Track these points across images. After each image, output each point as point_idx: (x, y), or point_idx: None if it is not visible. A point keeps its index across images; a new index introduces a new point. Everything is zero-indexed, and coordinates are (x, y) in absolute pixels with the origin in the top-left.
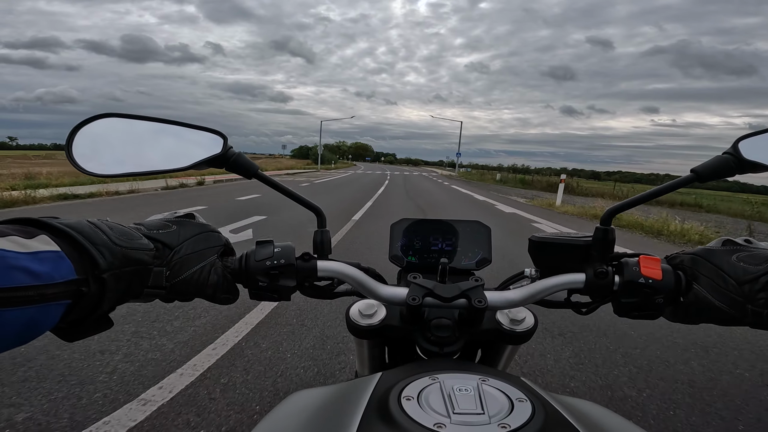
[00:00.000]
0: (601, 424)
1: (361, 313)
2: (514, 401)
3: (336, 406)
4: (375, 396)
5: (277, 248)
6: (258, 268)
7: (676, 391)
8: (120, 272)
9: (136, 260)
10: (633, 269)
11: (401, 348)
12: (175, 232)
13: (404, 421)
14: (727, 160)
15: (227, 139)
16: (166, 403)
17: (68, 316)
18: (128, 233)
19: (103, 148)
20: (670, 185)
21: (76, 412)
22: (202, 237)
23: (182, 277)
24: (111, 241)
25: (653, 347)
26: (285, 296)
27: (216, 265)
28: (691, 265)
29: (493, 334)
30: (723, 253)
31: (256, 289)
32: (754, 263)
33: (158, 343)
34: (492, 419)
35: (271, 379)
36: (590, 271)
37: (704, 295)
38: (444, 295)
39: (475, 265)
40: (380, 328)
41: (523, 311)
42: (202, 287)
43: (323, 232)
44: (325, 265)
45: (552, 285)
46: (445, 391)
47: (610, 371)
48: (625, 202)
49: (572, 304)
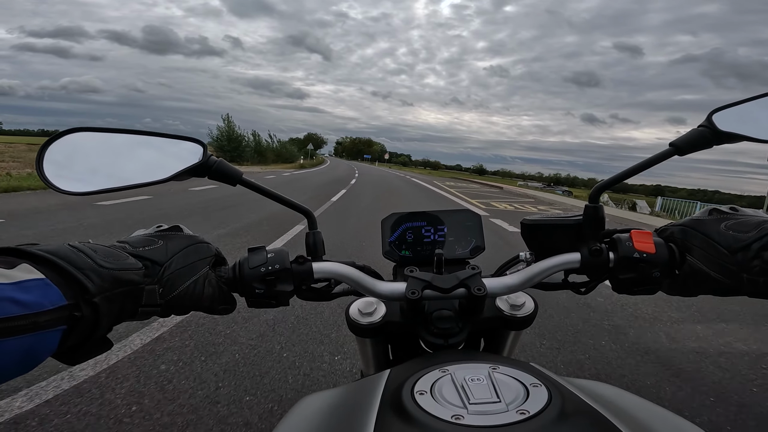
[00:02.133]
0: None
1: (361, 311)
2: (529, 387)
3: (348, 407)
4: (387, 393)
5: (270, 254)
6: (253, 275)
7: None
8: (111, 294)
9: (126, 281)
10: (627, 245)
11: (404, 343)
12: (163, 247)
13: (421, 415)
14: (703, 132)
15: (206, 146)
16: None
17: (67, 341)
18: (114, 254)
19: (76, 165)
20: (652, 159)
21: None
22: (191, 249)
23: (176, 292)
24: (97, 264)
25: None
26: (283, 301)
27: (209, 276)
28: (682, 237)
29: (496, 322)
30: (711, 222)
31: (253, 296)
32: (743, 230)
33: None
34: (509, 406)
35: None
36: (585, 249)
37: (699, 266)
38: (443, 286)
39: (470, 254)
40: (382, 325)
41: (523, 296)
42: (198, 300)
43: (315, 233)
44: (320, 266)
45: (548, 267)
46: (458, 382)
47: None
48: (611, 179)
49: (570, 285)
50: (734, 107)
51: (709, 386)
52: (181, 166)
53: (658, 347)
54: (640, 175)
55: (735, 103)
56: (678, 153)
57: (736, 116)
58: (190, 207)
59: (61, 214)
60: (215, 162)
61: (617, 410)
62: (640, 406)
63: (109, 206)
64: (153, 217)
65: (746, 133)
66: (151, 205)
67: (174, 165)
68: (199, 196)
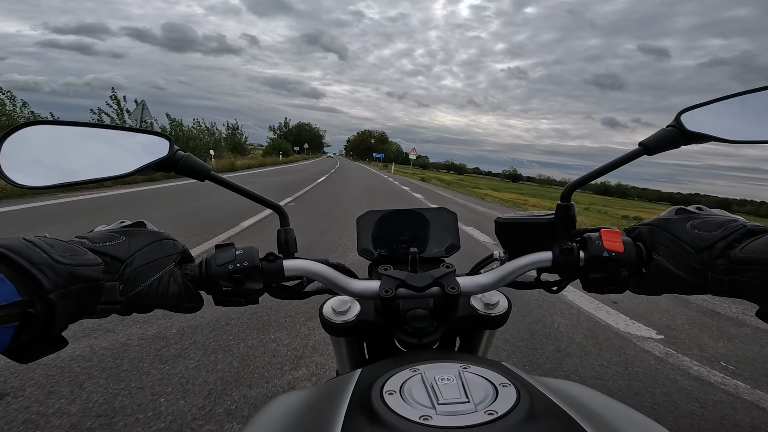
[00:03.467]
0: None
1: (335, 310)
2: (498, 387)
3: (318, 406)
4: (357, 393)
5: (239, 251)
6: (220, 272)
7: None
8: (67, 291)
9: (83, 277)
10: (596, 244)
11: (380, 342)
12: (125, 243)
13: (389, 416)
14: (671, 132)
15: (173, 141)
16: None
17: (19, 338)
18: (71, 249)
19: (34, 159)
20: (622, 159)
21: None
22: (156, 246)
23: (138, 289)
24: (52, 259)
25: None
26: (252, 300)
27: (175, 274)
28: (649, 236)
29: (470, 321)
30: (677, 221)
31: (220, 294)
32: (709, 229)
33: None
34: (478, 406)
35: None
36: (556, 248)
37: (665, 265)
38: (416, 285)
39: (445, 252)
40: (356, 324)
41: (497, 295)
42: (162, 298)
43: (287, 230)
44: (291, 264)
45: (521, 265)
46: (427, 382)
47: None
48: (582, 178)
49: (542, 284)
50: (702, 107)
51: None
52: (147, 160)
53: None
54: (668, 183)
55: (703, 103)
56: (647, 152)
57: (704, 116)
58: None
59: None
60: (182, 156)
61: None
62: (608, 407)
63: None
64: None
65: (713, 134)
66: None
67: (139, 159)
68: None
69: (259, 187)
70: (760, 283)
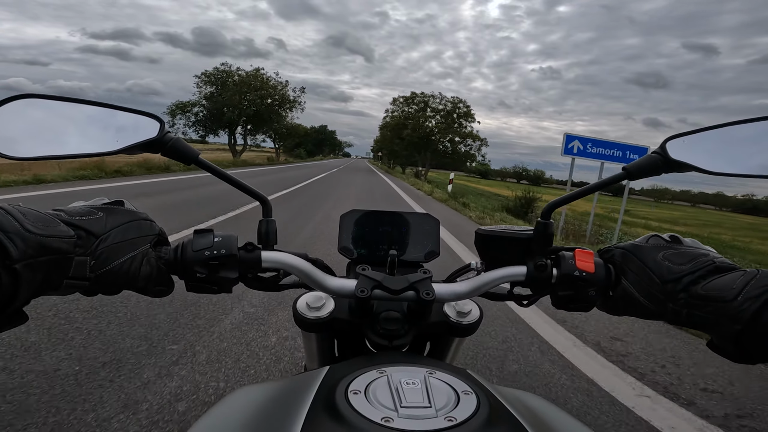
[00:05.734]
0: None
1: (309, 305)
2: (460, 394)
3: (281, 402)
4: (322, 391)
5: (217, 238)
6: (196, 258)
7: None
8: (35, 262)
9: (53, 249)
10: (569, 262)
11: (351, 341)
12: (101, 219)
13: (351, 415)
14: (655, 159)
15: (164, 123)
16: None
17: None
18: (45, 219)
19: (21, 130)
20: (603, 182)
21: None
22: (133, 225)
23: (109, 267)
24: (24, 228)
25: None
26: (225, 288)
27: (149, 255)
28: (621, 260)
29: (441, 327)
30: (650, 249)
31: (193, 280)
32: (678, 262)
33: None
34: (438, 412)
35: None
36: (531, 264)
37: (631, 290)
38: (392, 288)
39: (424, 258)
40: (329, 321)
41: (469, 304)
42: (133, 279)
43: (269, 221)
44: (269, 255)
45: (496, 278)
46: (393, 384)
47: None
48: (563, 198)
49: (514, 297)
50: (688, 136)
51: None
52: (135, 139)
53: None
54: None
55: (689, 132)
56: (629, 177)
57: (689, 145)
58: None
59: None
60: (171, 139)
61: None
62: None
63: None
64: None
65: (696, 164)
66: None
67: (127, 138)
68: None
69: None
70: (715, 318)
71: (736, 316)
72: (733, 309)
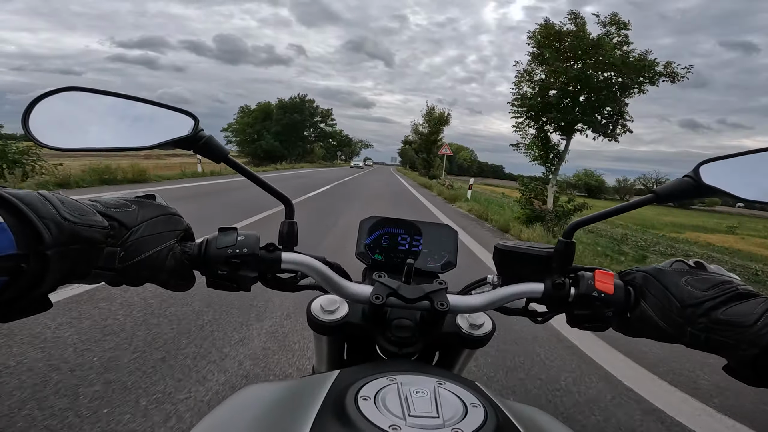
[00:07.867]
0: None
1: (323, 308)
2: (468, 406)
3: (290, 402)
4: (332, 394)
5: (240, 236)
6: (219, 255)
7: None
8: (66, 249)
9: (86, 238)
10: (588, 282)
11: (361, 346)
12: (134, 211)
13: (360, 421)
14: (687, 183)
15: (198, 121)
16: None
17: (3, 294)
18: (81, 208)
19: (62, 122)
20: (631, 204)
21: None
22: (162, 219)
23: (137, 259)
24: (60, 216)
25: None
26: (244, 287)
27: (174, 249)
28: (641, 283)
29: (453, 338)
30: (673, 274)
31: (214, 277)
32: (701, 288)
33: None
34: (446, 423)
35: None
36: (549, 282)
37: (649, 314)
38: (407, 296)
39: (440, 268)
40: (341, 325)
41: (483, 316)
42: (158, 271)
43: (291, 223)
44: (289, 257)
45: (512, 293)
46: (402, 392)
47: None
48: (588, 217)
49: (529, 313)
50: (723, 160)
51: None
52: (169, 136)
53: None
54: None
55: (724, 156)
56: (657, 201)
57: (723, 170)
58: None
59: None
60: (204, 137)
61: None
62: None
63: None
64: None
65: (729, 190)
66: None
67: (162, 134)
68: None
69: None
70: (734, 344)
71: (755, 341)
72: (752, 334)
